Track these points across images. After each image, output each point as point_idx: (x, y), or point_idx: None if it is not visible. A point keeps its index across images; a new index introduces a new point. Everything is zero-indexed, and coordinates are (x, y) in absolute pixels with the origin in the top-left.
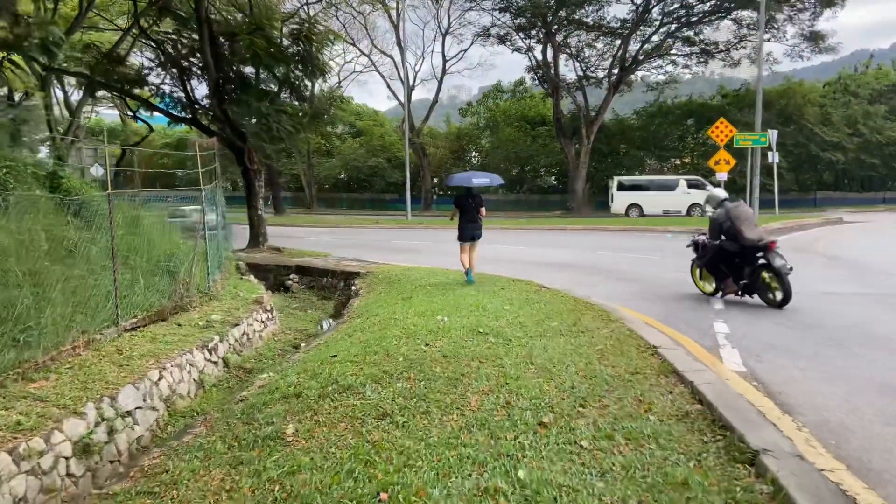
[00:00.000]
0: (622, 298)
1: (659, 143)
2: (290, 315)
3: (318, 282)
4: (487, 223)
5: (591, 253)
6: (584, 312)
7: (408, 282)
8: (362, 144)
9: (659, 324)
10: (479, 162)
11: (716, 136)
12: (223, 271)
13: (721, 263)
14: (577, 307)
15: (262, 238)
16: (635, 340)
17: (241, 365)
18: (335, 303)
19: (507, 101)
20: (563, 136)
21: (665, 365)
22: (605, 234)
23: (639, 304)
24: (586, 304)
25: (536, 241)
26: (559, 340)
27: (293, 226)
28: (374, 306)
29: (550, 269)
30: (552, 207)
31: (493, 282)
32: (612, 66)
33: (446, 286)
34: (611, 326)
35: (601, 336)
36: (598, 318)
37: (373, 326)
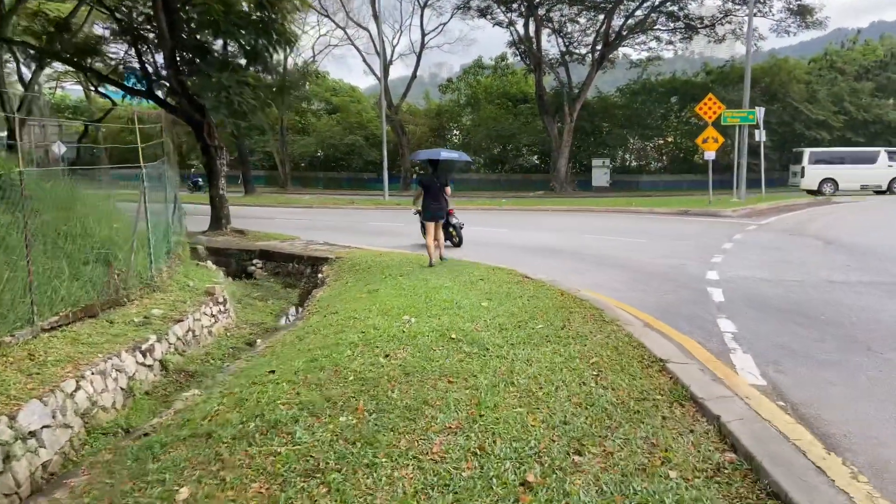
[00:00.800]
0: (613, 289)
1: (642, 121)
2: (249, 306)
3: (283, 268)
4: (468, 203)
5: (577, 236)
6: (574, 310)
7: (378, 269)
8: (339, 121)
9: (659, 323)
10: (461, 140)
11: (703, 113)
12: (173, 258)
13: None
14: (565, 303)
15: (224, 220)
16: (637, 350)
17: (183, 367)
18: (301, 291)
19: (489, 77)
20: (546, 114)
21: (678, 388)
22: (589, 216)
23: (631, 295)
24: (575, 299)
25: (519, 223)
26: (545, 350)
27: (263, 206)
28: (336, 300)
29: (534, 254)
30: (534, 187)
31: (471, 271)
32: (596, 42)
33: (418, 276)
34: (606, 330)
35: (596, 343)
36: (590, 318)
37: (328, 328)
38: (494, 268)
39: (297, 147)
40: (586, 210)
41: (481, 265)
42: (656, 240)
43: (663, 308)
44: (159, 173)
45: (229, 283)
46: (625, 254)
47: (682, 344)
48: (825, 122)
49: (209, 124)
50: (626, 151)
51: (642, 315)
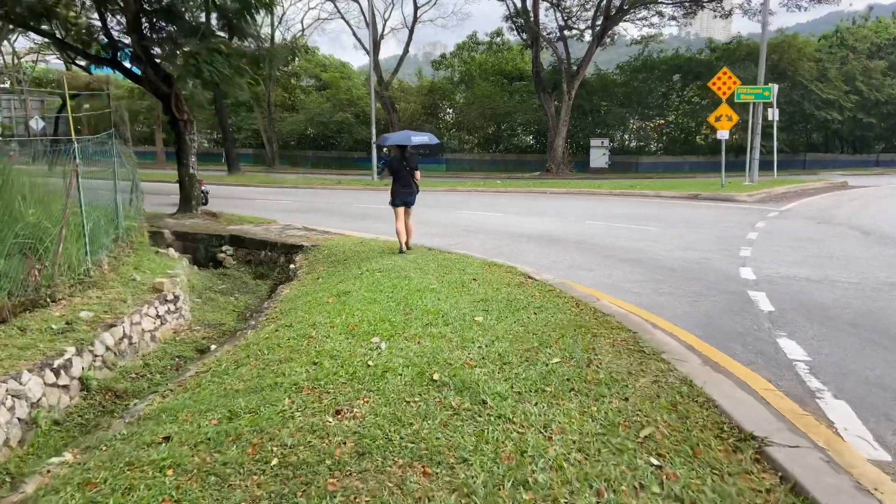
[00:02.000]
0: (632, 291)
1: (642, 100)
2: (210, 302)
3: (255, 255)
4: (460, 185)
5: (580, 222)
6: (598, 332)
7: (355, 262)
8: (328, 98)
9: (709, 349)
10: (454, 118)
11: (717, 89)
12: (122, 247)
13: None
14: (583, 319)
15: (195, 201)
16: (706, 411)
17: (110, 386)
18: (272, 282)
19: (483, 53)
20: (543, 92)
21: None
22: (591, 199)
23: (657, 300)
24: (595, 312)
25: (515, 207)
26: (569, 407)
27: (246, 185)
28: (300, 303)
29: (533, 243)
30: (530, 168)
31: (462, 266)
32: (596, 17)
33: (399, 271)
34: (650, 368)
35: (642, 396)
36: (622, 346)
37: (274, 350)
38: (490, 263)
39: (285, 125)
40: (587, 193)
41: (474, 259)
42: (669, 227)
43: (703, 321)
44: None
45: (193, 274)
46: (636, 244)
47: (758, 392)
48: (836, 101)
49: (177, 95)
50: (625, 131)
51: (683, 334)
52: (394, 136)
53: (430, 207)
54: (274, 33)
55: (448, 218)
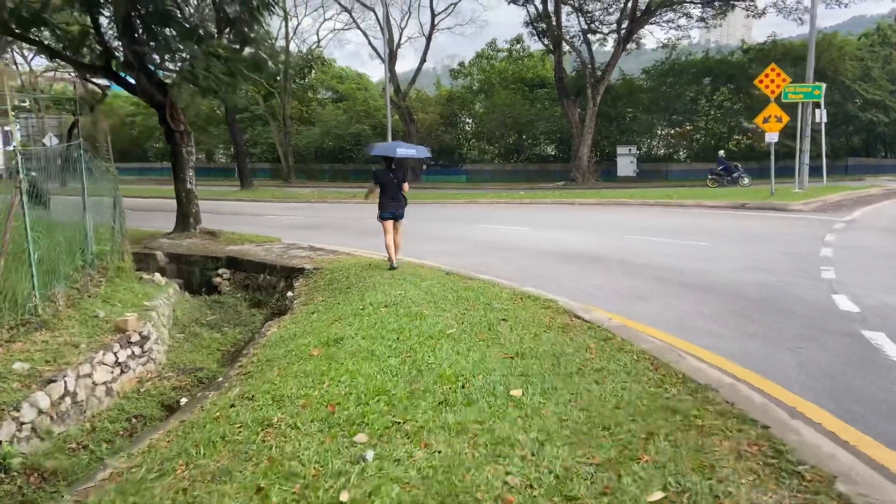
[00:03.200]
0: (712, 333)
1: (670, 105)
2: (193, 338)
3: (253, 280)
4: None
5: (618, 237)
6: (703, 422)
7: (359, 290)
8: (345, 110)
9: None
10: (473, 129)
11: (765, 87)
12: (90, 276)
13: None
14: (670, 394)
15: (192, 219)
16: None
17: (37, 464)
18: (269, 312)
19: (503, 61)
20: (566, 98)
21: None
22: (624, 210)
23: (747, 347)
24: (685, 381)
25: (543, 220)
26: None
27: (257, 201)
28: (280, 355)
29: (569, 263)
30: (553, 178)
31: (489, 299)
32: (621, 20)
33: (409, 306)
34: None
35: None
36: (756, 460)
37: (213, 452)
38: (521, 294)
39: (301, 138)
40: (619, 203)
41: (501, 288)
42: (724, 242)
43: (827, 384)
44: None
45: (181, 302)
46: (692, 264)
47: None
48: (881, 102)
49: (172, 104)
50: (653, 138)
51: (819, 413)
52: (380, 146)
53: (449, 222)
54: (289, 45)
55: (469, 233)
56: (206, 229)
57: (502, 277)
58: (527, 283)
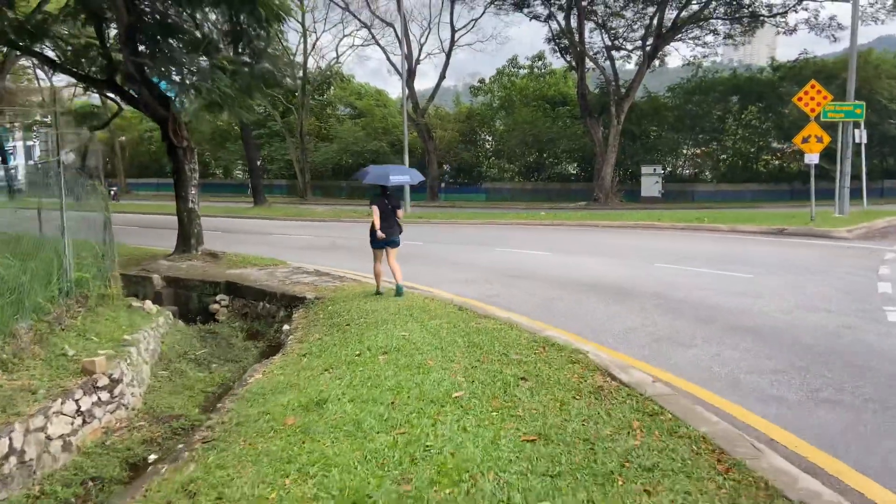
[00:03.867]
0: (775, 397)
1: (697, 124)
2: (177, 377)
3: (252, 308)
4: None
5: (648, 265)
6: None
7: (359, 328)
8: (363, 127)
9: None
10: (492, 146)
11: (804, 105)
12: (68, 305)
13: None
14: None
15: (194, 240)
16: None
17: None
18: (265, 345)
19: (524, 78)
20: (589, 116)
21: None
22: (653, 235)
23: (827, 422)
24: (767, 489)
25: (565, 244)
26: None
27: (270, 219)
28: (252, 417)
29: (596, 295)
30: (575, 197)
31: (505, 346)
32: (647, 36)
33: (413, 353)
34: None
35: None
36: None
37: None
38: (543, 341)
39: (318, 155)
40: (647, 227)
41: (520, 331)
42: (768, 274)
43: None
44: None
45: (172, 333)
46: (737, 300)
47: None
48: None
49: (175, 119)
50: (678, 158)
51: None
52: (372, 174)
53: (465, 244)
54: (306, 60)
55: (485, 258)
56: (209, 251)
57: (522, 312)
58: (550, 325)
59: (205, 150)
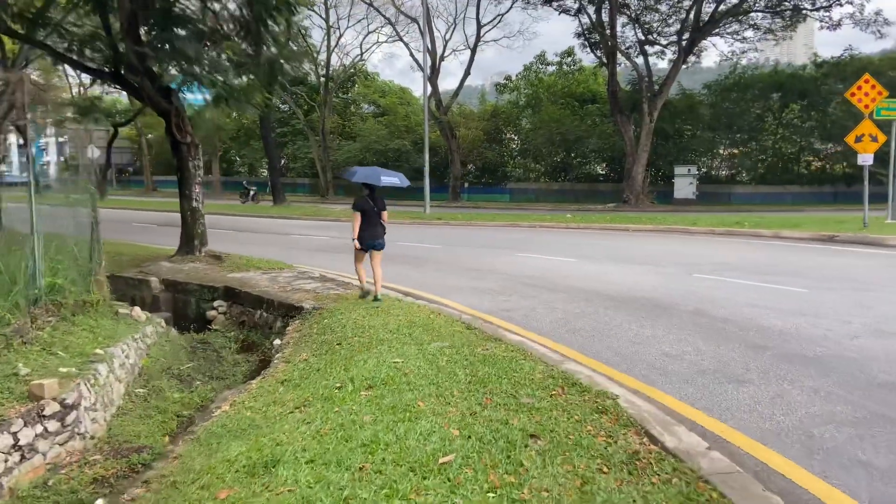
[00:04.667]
0: (860, 462)
1: (734, 122)
2: (155, 396)
3: (249, 315)
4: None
5: (684, 275)
6: None
7: (350, 349)
8: (386, 125)
9: None
10: (518, 145)
11: (857, 101)
12: (38, 313)
13: None
14: None
15: (198, 241)
16: None
17: None
18: (258, 359)
19: (552, 75)
20: (620, 114)
21: None
22: (688, 240)
23: None
24: None
25: (592, 249)
26: None
27: (286, 218)
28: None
29: (625, 311)
30: (603, 199)
31: (515, 384)
32: (682, 31)
33: (402, 391)
34: None
35: None
36: None
37: None
38: (561, 377)
39: (341, 153)
40: (681, 231)
41: (534, 363)
42: (823, 288)
43: None
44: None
45: (161, 343)
46: (791, 321)
47: None
48: None
49: (178, 113)
50: (714, 158)
51: None
52: (362, 172)
53: (484, 248)
54: (330, 57)
55: (506, 264)
56: (213, 252)
57: (540, 330)
58: (572, 342)
59: (230, 148)
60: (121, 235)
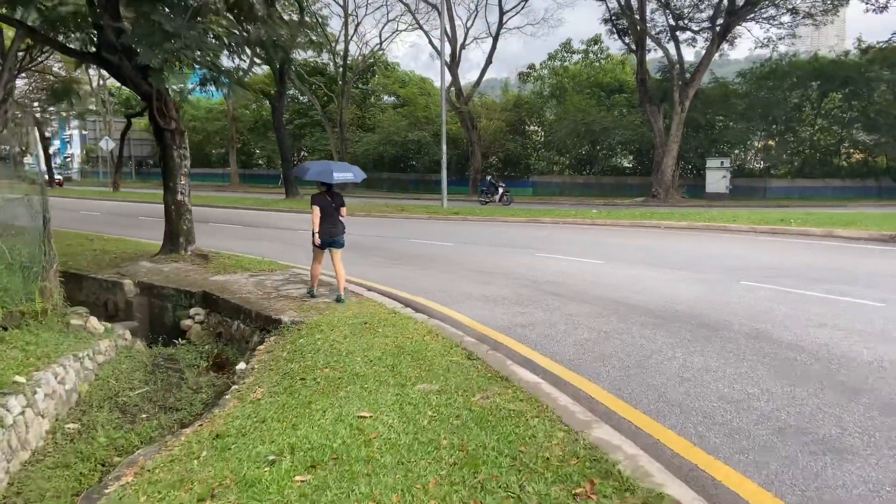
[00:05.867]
0: None
1: (770, 112)
2: (86, 433)
3: (226, 326)
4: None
5: (730, 281)
6: None
7: (312, 390)
8: (405, 116)
9: None
10: (542, 137)
11: None
12: None
13: None
14: None
15: (183, 238)
16: None
17: None
18: (225, 382)
19: (578, 64)
20: (650, 103)
21: None
22: (725, 238)
23: None
24: None
25: (621, 250)
26: None
27: (296, 211)
28: None
29: (665, 330)
30: (630, 193)
31: (523, 470)
32: (716, 15)
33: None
34: None
35: None
36: None
37: None
38: (590, 461)
39: (360, 145)
40: (719, 229)
41: (553, 424)
42: (894, 299)
43: None
44: None
45: (117, 360)
46: (879, 349)
47: None
48: None
49: (161, 96)
50: (748, 150)
51: None
52: (314, 168)
53: (501, 247)
54: (347, 46)
55: (524, 266)
56: (199, 251)
57: (561, 358)
58: (600, 377)
59: (248, 140)
60: (120, 230)
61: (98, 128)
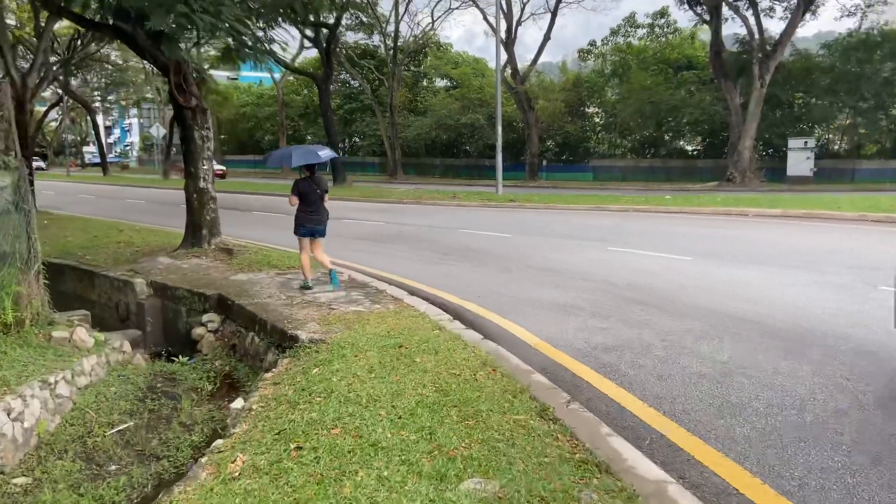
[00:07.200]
0: None
1: (858, 88)
2: (35, 492)
3: (240, 339)
4: (611, 200)
5: (863, 286)
6: None
7: (324, 470)
8: (458, 98)
9: None
10: (603, 119)
11: None
12: None
13: None
14: None
15: (206, 230)
16: None
17: None
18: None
19: (643, 39)
20: (725, 78)
21: None
22: (832, 228)
23: None
24: None
25: (710, 244)
26: None
27: (343, 199)
28: None
29: (813, 371)
30: (700, 177)
31: None
32: None
33: None
34: None
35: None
36: None
37: None
38: None
39: (411, 130)
40: (821, 218)
41: None
42: None
43: None
44: None
45: (106, 382)
46: None
47: None
48: None
49: (179, 69)
50: (832, 129)
51: None
52: (297, 154)
53: (563, 239)
54: (398, 26)
55: (595, 263)
56: (224, 244)
57: (669, 406)
58: (744, 455)
59: (299, 126)
60: (157, 219)
61: (153, 115)
